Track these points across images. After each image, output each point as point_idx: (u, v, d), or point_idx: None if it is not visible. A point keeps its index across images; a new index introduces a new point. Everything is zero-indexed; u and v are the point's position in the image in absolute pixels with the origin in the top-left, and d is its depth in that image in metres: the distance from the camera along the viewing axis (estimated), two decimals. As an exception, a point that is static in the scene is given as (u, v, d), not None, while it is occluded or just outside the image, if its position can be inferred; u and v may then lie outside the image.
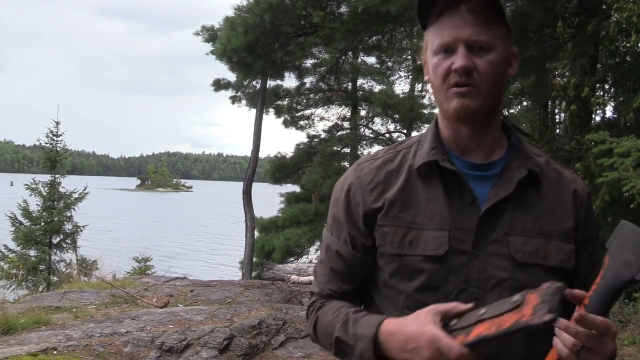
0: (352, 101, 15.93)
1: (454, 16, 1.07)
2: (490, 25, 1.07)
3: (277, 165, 15.04)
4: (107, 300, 6.42)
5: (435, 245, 1.08)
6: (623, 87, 7.68)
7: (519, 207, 1.10)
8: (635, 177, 4.54)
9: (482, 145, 1.13)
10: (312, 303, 1.22)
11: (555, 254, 1.09)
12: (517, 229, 1.09)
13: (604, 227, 7.35)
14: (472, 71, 1.06)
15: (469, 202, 1.09)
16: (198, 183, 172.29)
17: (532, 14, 7.01)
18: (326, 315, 1.16)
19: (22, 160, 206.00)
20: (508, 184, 1.09)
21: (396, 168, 1.16)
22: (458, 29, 1.06)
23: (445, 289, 1.07)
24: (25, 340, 4.54)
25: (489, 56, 1.06)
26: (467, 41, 1.06)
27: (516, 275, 1.07)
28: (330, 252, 1.20)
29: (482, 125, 1.12)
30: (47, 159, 12.03)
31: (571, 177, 1.18)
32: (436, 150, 1.12)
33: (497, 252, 1.08)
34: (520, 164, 1.12)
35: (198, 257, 24.87)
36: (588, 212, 1.16)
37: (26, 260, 11.32)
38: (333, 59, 12.46)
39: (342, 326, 1.10)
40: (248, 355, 4.59)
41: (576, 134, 7.07)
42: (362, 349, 1.05)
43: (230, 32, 8.92)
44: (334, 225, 1.20)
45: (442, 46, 1.08)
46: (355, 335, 1.07)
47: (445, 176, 1.11)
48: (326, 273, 1.20)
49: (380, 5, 7.11)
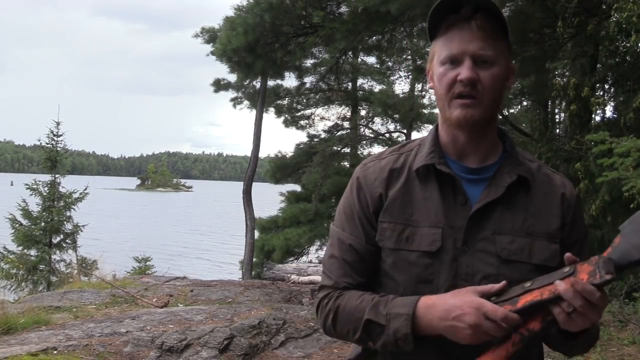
0: (352, 101, 15.93)
1: (463, 30, 1.15)
2: (495, 42, 1.16)
3: (277, 165, 15.04)
4: (107, 300, 6.42)
5: (430, 242, 1.17)
6: (623, 87, 7.68)
7: (507, 208, 1.18)
8: (635, 177, 4.55)
9: (477, 151, 1.22)
10: (326, 295, 1.25)
11: (540, 253, 1.17)
12: (505, 229, 1.17)
13: (604, 227, 7.35)
14: (477, 83, 1.14)
15: (462, 202, 1.18)
16: (198, 183, 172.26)
17: (532, 14, 7.02)
18: (349, 301, 1.20)
19: (22, 160, 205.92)
20: (498, 188, 1.18)
21: (398, 168, 1.25)
22: (466, 42, 1.14)
23: (437, 282, 1.16)
24: (25, 340, 4.54)
25: (493, 70, 1.15)
26: (474, 55, 1.14)
27: (502, 270, 1.15)
28: (343, 246, 1.25)
29: (479, 132, 1.20)
30: (47, 158, 12.03)
31: (561, 181, 1.26)
32: (434, 154, 1.21)
33: (485, 249, 1.16)
34: (511, 169, 1.20)
35: (198, 257, 24.87)
36: (576, 214, 1.24)
37: (26, 260, 11.33)
38: (333, 59, 12.46)
39: (372, 308, 1.15)
40: (248, 355, 4.59)
41: (576, 134, 7.07)
42: (398, 327, 1.11)
43: (230, 32, 8.93)
44: (346, 221, 1.26)
45: (450, 57, 1.16)
46: (389, 314, 1.13)
47: (441, 178, 1.20)
48: (340, 266, 1.25)
49: (380, 5, 7.11)
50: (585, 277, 1.01)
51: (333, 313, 1.21)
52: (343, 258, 1.24)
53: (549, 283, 1.04)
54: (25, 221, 11.76)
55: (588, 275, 1.01)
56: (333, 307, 1.22)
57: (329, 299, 1.24)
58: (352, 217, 1.25)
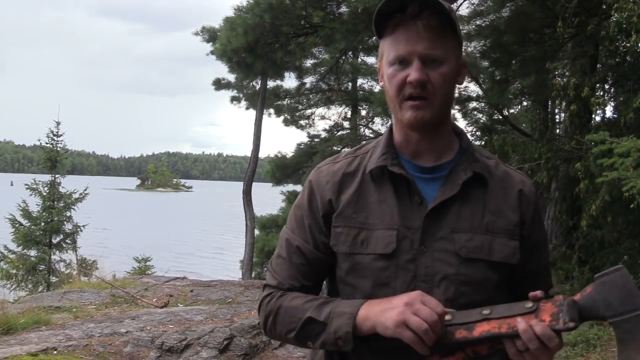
0: (352, 101, 15.92)
1: (410, 30, 1.12)
2: (443, 39, 1.13)
3: (277, 165, 15.04)
4: (107, 300, 6.42)
5: (385, 244, 1.14)
6: (623, 87, 7.67)
7: (465, 206, 1.16)
8: (635, 177, 4.54)
9: (432, 149, 1.20)
10: (269, 294, 1.23)
11: (501, 250, 1.16)
12: (463, 227, 1.15)
13: (604, 227, 7.35)
14: (426, 84, 1.12)
15: (418, 202, 1.16)
16: (198, 183, 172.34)
17: (532, 14, 7.02)
18: (293, 301, 1.18)
19: (22, 160, 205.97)
20: (454, 185, 1.16)
21: (352, 172, 1.23)
22: (413, 42, 1.12)
23: (395, 285, 1.13)
24: (25, 340, 4.54)
25: (442, 69, 1.13)
26: (422, 55, 1.12)
27: (461, 270, 1.13)
28: (291, 247, 1.23)
29: (432, 131, 1.19)
30: (47, 159, 12.03)
31: (519, 178, 1.24)
32: (387, 155, 1.20)
33: (443, 248, 1.14)
34: (466, 166, 1.18)
35: (198, 257, 24.88)
36: (535, 213, 1.23)
37: (26, 261, 11.32)
38: (333, 59, 12.46)
39: (317, 308, 1.14)
40: (248, 355, 4.59)
41: (576, 134, 7.06)
42: (339, 325, 1.09)
43: (230, 33, 8.93)
44: (296, 224, 1.25)
45: (397, 58, 1.14)
46: (333, 313, 1.11)
47: (396, 180, 1.18)
48: (286, 268, 1.23)
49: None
50: (547, 318, 0.98)
51: (274, 313, 1.19)
52: (290, 259, 1.23)
53: (509, 316, 1.01)
54: (25, 221, 11.77)
55: (551, 318, 0.98)
56: (274, 306, 1.20)
57: (270, 297, 1.22)
58: (301, 221, 1.24)
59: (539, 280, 1.23)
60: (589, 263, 7.44)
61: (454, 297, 1.11)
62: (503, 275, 1.16)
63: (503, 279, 1.17)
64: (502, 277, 1.16)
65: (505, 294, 1.17)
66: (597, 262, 7.31)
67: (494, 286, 1.15)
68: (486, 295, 1.12)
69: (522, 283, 1.19)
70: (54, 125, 12.21)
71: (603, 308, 0.97)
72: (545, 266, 1.28)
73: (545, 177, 7.47)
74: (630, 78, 7.25)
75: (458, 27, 1.16)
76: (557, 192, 8.14)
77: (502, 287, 1.17)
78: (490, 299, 1.08)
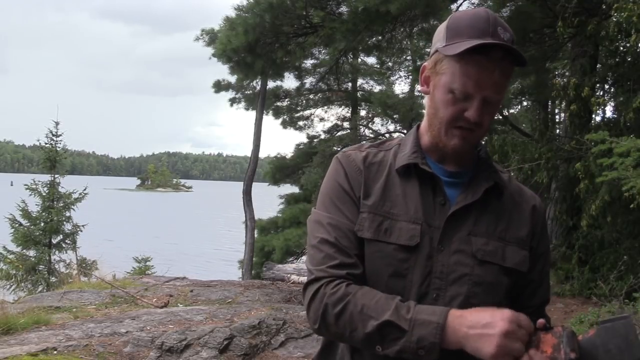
0: (352, 101, 15.92)
1: (485, 70, 1.13)
2: (507, 79, 1.18)
3: (277, 165, 15.04)
4: (107, 300, 6.42)
5: (409, 236, 1.18)
6: (623, 87, 7.67)
7: (482, 212, 1.23)
8: (635, 177, 4.54)
9: (457, 157, 1.26)
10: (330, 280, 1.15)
11: (512, 257, 1.22)
12: (480, 231, 1.21)
13: (604, 227, 7.35)
14: (481, 122, 1.18)
15: (441, 203, 1.22)
16: (198, 183, 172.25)
17: (532, 14, 7.02)
18: (364, 296, 1.12)
19: (22, 160, 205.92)
20: (475, 192, 1.22)
21: (378, 162, 1.27)
22: (484, 86, 1.14)
23: (411, 277, 1.17)
24: (25, 340, 4.53)
25: (494, 108, 1.19)
26: (487, 98, 1.15)
27: (476, 271, 1.18)
28: (337, 229, 1.19)
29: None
30: (47, 159, 12.02)
31: (531, 194, 1.33)
32: (417, 154, 1.24)
33: (461, 249, 1.19)
34: (487, 175, 1.25)
35: (198, 257, 24.86)
36: (543, 227, 1.31)
37: (25, 261, 11.31)
38: (333, 59, 12.44)
39: (396, 310, 1.09)
40: (248, 355, 4.59)
41: (576, 134, 7.07)
42: (424, 335, 1.06)
43: (230, 32, 8.92)
44: (333, 205, 1.23)
45: (463, 93, 1.15)
46: (414, 320, 1.07)
47: (422, 178, 1.23)
48: (337, 250, 1.18)
49: (380, 5, 7.11)
50: (549, 350, 1.01)
51: (343, 303, 1.11)
52: (337, 241, 1.18)
53: None
54: (24, 221, 11.75)
55: (552, 349, 1.01)
56: (340, 296, 1.12)
57: (334, 286, 1.13)
58: (342, 200, 1.22)
59: (539, 291, 1.29)
60: (589, 263, 7.44)
61: (466, 297, 1.16)
62: (512, 281, 1.22)
63: (511, 286, 1.22)
64: (511, 282, 1.21)
65: (509, 301, 1.21)
66: (597, 262, 7.32)
67: (504, 291, 1.20)
68: (497, 299, 1.16)
69: (524, 292, 1.26)
70: (54, 125, 12.21)
71: (602, 354, 1.00)
72: (546, 275, 1.33)
73: (545, 177, 7.48)
74: (630, 78, 7.26)
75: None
76: (557, 192, 8.13)
77: (509, 294, 1.22)
78: (499, 304, 1.09)
